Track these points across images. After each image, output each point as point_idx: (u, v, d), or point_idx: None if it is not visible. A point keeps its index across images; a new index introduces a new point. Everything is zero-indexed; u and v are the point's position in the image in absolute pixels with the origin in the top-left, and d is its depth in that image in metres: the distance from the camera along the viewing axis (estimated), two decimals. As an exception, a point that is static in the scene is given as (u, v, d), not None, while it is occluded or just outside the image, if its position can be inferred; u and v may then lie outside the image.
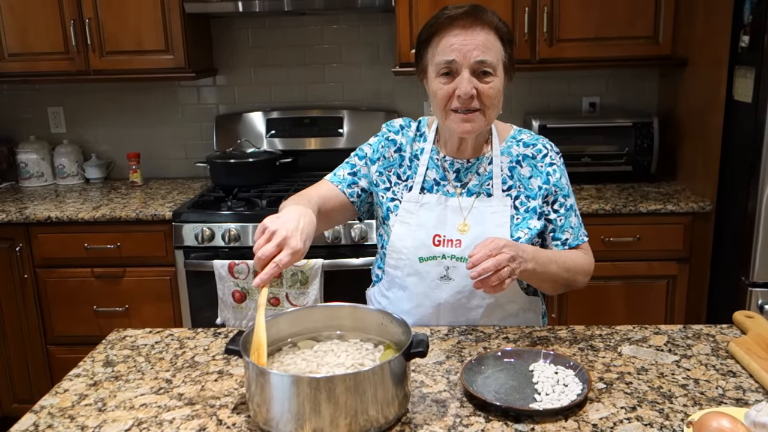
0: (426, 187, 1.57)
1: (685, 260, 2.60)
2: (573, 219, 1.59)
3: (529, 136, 1.61)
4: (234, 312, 2.57)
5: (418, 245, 1.53)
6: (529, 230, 1.53)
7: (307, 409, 1.07)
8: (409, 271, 1.54)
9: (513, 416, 1.16)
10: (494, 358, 1.33)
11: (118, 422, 1.18)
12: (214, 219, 2.61)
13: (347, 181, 1.62)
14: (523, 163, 1.57)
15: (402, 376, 1.13)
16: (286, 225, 1.26)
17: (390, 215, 1.58)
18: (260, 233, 1.26)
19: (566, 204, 1.58)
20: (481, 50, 1.42)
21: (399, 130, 1.63)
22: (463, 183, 1.56)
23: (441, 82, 1.46)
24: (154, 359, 1.41)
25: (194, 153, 3.29)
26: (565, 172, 1.59)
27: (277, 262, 1.22)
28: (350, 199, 1.62)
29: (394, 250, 1.55)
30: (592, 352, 1.38)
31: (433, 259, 1.52)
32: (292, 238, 1.24)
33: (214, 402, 1.23)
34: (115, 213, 2.66)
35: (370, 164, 1.62)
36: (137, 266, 2.71)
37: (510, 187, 1.56)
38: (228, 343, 1.18)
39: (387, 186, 1.60)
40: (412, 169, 1.59)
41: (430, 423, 1.14)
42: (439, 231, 1.52)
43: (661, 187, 2.80)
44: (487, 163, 1.56)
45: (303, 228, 1.28)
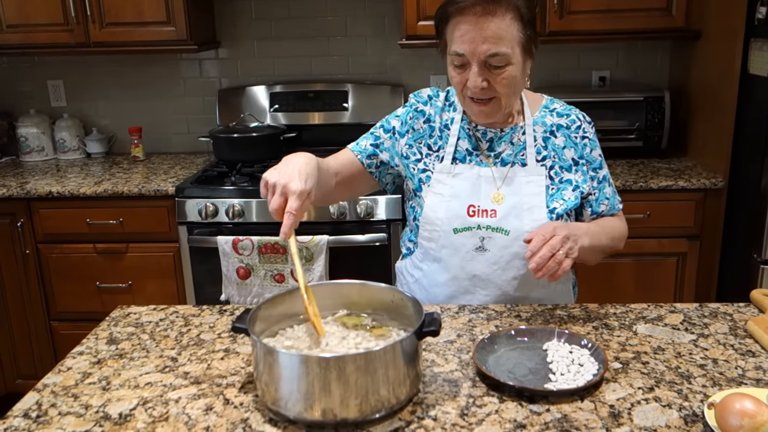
0: (458, 157, 1.54)
1: (695, 237, 2.56)
2: (607, 189, 1.58)
3: (562, 106, 1.59)
4: (238, 288, 2.54)
5: (452, 216, 1.50)
6: (564, 201, 1.50)
7: (317, 389, 1.04)
8: (444, 242, 1.52)
9: (527, 397, 1.13)
10: (507, 337, 1.29)
11: (123, 401, 1.15)
12: (217, 194, 2.57)
13: (368, 151, 1.60)
14: (558, 133, 1.54)
15: (414, 356, 1.10)
16: (282, 173, 1.23)
17: (422, 186, 1.55)
18: (264, 189, 1.25)
19: (599, 176, 1.56)
20: (493, 42, 1.36)
21: (427, 101, 1.59)
22: (497, 153, 1.53)
23: (455, 71, 1.43)
24: (158, 337, 1.38)
25: (197, 127, 3.24)
26: (597, 143, 1.57)
27: (289, 210, 1.20)
28: (368, 170, 1.60)
29: (427, 222, 1.53)
30: (607, 331, 1.35)
31: (468, 230, 1.50)
32: (292, 183, 1.22)
33: (221, 381, 1.20)
34: (117, 188, 2.62)
35: (399, 138, 1.58)
36: (140, 242, 2.68)
37: (544, 157, 1.52)
38: (235, 320, 1.14)
39: (418, 158, 1.56)
40: (443, 139, 1.55)
41: (442, 403, 1.12)
42: (474, 201, 1.50)
43: (672, 163, 2.75)
44: (521, 133, 1.53)
45: (300, 169, 1.25)
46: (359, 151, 1.60)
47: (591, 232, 1.44)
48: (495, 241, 1.49)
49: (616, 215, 1.61)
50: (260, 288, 2.52)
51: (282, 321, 1.25)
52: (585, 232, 1.41)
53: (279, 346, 1.17)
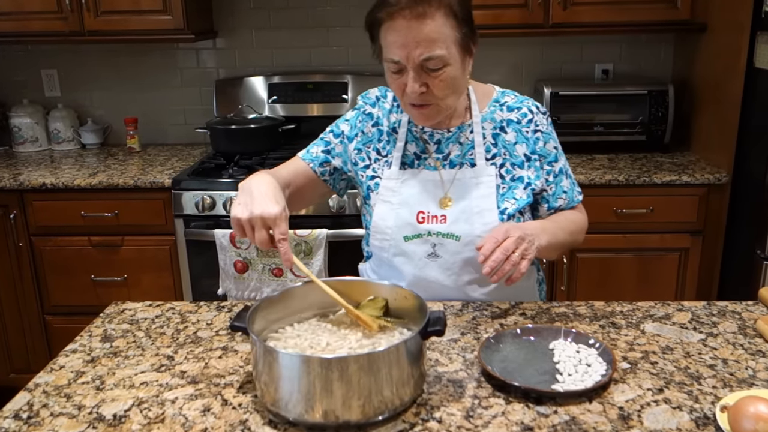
0: (407, 162, 1.49)
1: (698, 233, 2.53)
2: (565, 182, 1.52)
3: (513, 99, 1.51)
4: (236, 282, 2.50)
5: (402, 224, 1.46)
6: (515, 201, 1.45)
7: (318, 390, 1.00)
8: (395, 251, 1.48)
9: (534, 398, 1.09)
10: (512, 336, 1.26)
11: (118, 401, 1.12)
12: (215, 187, 2.53)
13: (319, 159, 1.54)
14: (508, 128, 1.47)
15: (418, 356, 1.07)
16: (251, 204, 1.20)
17: (371, 194, 1.50)
18: (239, 229, 1.21)
19: (554, 170, 1.50)
20: (426, 45, 1.29)
21: (375, 102, 1.54)
22: (445, 155, 1.48)
23: (392, 77, 1.36)
24: (154, 334, 1.35)
25: (194, 119, 3.20)
26: (552, 134, 1.51)
27: (280, 237, 1.18)
28: (322, 178, 1.55)
29: (377, 231, 1.49)
30: (614, 330, 1.32)
31: (418, 237, 1.45)
32: (267, 209, 1.19)
33: (219, 380, 1.17)
34: (112, 180, 2.58)
35: (347, 142, 1.53)
36: (136, 235, 2.64)
37: (494, 155, 1.47)
38: (233, 319, 1.11)
39: (367, 163, 1.51)
40: (390, 143, 1.50)
41: (447, 405, 1.08)
42: (423, 207, 1.45)
43: (675, 158, 2.72)
44: (468, 132, 1.47)
45: (266, 192, 1.22)
46: (310, 159, 1.54)
47: (548, 229, 1.38)
48: (446, 247, 1.45)
49: (576, 208, 1.56)
50: (258, 282, 2.49)
51: (282, 319, 1.22)
52: (542, 231, 1.36)
53: (279, 346, 1.13)
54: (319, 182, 1.56)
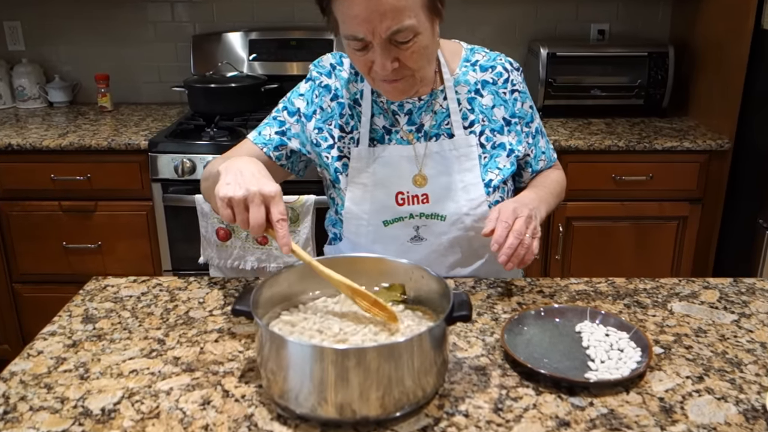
0: (376, 138, 1.34)
1: (697, 201, 2.47)
2: (541, 142, 1.45)
3: (485, 56, 1.39)
4: (218, 251, 2.38)
5: (380, 208, 1.33)
6: (499, 171, 1.35)
7: (333, 382, 0.90)
8: (374, 237, 1.35)
9: (565, 387, 1.00)
10: (535, 317, 1.17)
11: (105, 393, 1.00)
12: (194, 149, 2.38)
13: (274, 142, 1.38)
14: (484, 90, 1.36)
15: (442, 342, 0.97)
16: (245, 182, 1.03)
17: (340, 177, 1.36)
18: (228, 210, 1.04)
19: (531, 130, 1.41)
20: (392, 17, 1.11)
21: (330, 71, 1.37)
22: (418, 126, 1.34)
23: (356, 54, 1.19)
24: (141, 314, 1.22)
25: (169, 76, 3.02)
26: (527, 92, 1.41)
27: (280, 217, 1.03)
28: (278, 163, 1.40)
29: (352, 216, 1.35)
30: (641, 310, 1.24)
31: (399, 221, 1.34)
32: (265, 186, 1.03)
33: (217, 368, 1.06)
34: (84, 141, 2.41)
35: (305, 121, 1.37)
36: (110, 200, 2.49)
37: (472, 122, 1.34)
38: (236, 302, 0.99)
39: (330, 143, 1.35)
40: (354, 118, 1.35)
41: (472, 396, 0.99)
42: (402, 188, 1.32)
43: (674, 123, 2.64)
44: (441, 98, 1.34)
45: (259, 170, 1.07)
46: (263, 143, 1.38)
47: (543, 198, 1.32)
48: (431, 229, 1.34)
49: (554, 166, 1.50)
50: (242, 251, 2.36)
51: (286, 300, 1.10)
52: (539, 201, 1.28)
53: (285, 332, 1.02)
54: (275, 167, 1.39)
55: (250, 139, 1.40)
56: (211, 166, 1.28)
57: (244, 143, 1.41)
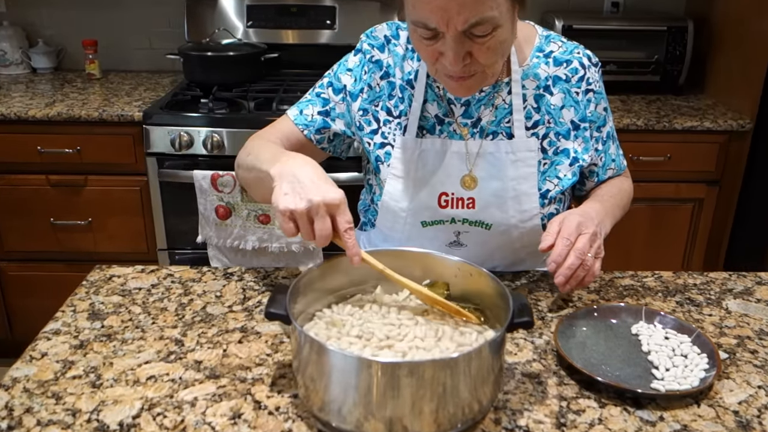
0: (425, 127, 1.20)
1: (715, 182, 2.39)
2: (612, 149, 1.29)
3: (561, 47, 1.21)
4: (217, 230, 2.26)
5: (420, 207, 1.20)
6: (559, 180, 1.21)
7: (382, 396, 0.80)
8: (409, 235, 1.23)
9: (630, 398, 0.92)
10: (587, 317, 1.08)
11: (122, 404, 0.89)
12: (192, 122, 2.25)
13: (316, 123, 1.24)
14: (554, 88, 1.19)
15: (500, 352, 0.87)
16: (306, 190, 0.92)
17: (380, 167, 1.22)
18: (291, 223, 0.93)
19: (602, 135, 1.25)
20: (472, 7, 0.95)
21: (384, 45, 1.22)
22: (474, 120, 1.19)
23: (422, 42, 1.03)
24: (154, 310, 1.12)
25: (161, 43, 2.86)
26: (604, 92, 1.25)
27: (348, 226, 0.93)
28: (319, 146, 1.26)
29: (388, 211, 1.23)
30: (695, 308, 1.15)
31: (439, 224, 1.22)
32: (328, 193, 0.92)
33: (245, 374, 0.96)
34: (73, 111, 2.27)
35: (351, 101, 1.23)
36: (101, 174, 2.35)
37: (536, 123, 1.19)
38: (268, 304, 0.89)
39: (374, 128, 1.22)
40: (404, 101, 1.20)
41: (530, 408, 0.90)
42: (447, 188, 1.19)
43: (690, 101, 2.55)
44: (506, 92, 1.18)
45: (318, 174, 0.95)
46: (305, 124, 1.24)
47: (609, 212, 1.18)
48: (473, 236, 1.22)
49: (622, 174, 1.34)
50: (242, 230, 2.25)
51: (320, 299, 1.00)
52: (605, 215, 1.14)
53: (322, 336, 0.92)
54: (315, 150, 1.26)
55: (290, 118, 1.26)
56: (253, 155, 1.12)
57: (282, 122, 1.26)
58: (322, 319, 0.96)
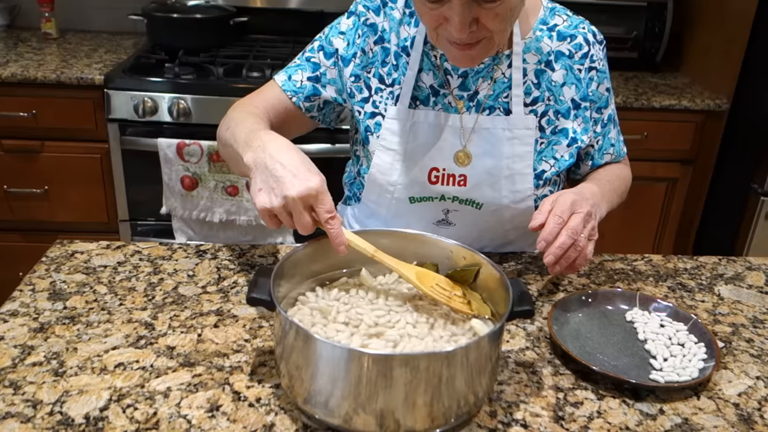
0: (420, 98, 1.14)
1: (689, 162, 2.38)
2: (613, 133, 1.23)
3: (565, 20, 1.15)
4: (182, 200, 2.16)
5: (409, 182, 1.14)
6: (555, 161, 1.15)
7: (373, 389, 0.75)
8: (396, 211, 1.18)
9: (628, 390, 0.88)
10: (579, 303, 1.04)
11: (88, 394, 0.82)
12: (157, 87, 2.13)
13: (306, 90, 1.17)
14: (556, 64, 1.13)
15: (497, 344, 0.82)
16: (283, 181, 0.86)
17: (369, 138, 1.16)
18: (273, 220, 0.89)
19: (603, 117, 1.19)
20: None
21: (380, 8, 1.14)
22: (471, 93, 1.13)
23: (426, 5, 0.96)
24: (121, 290, 1.04)
25: (121, 2, 2.69)
26: (607, 72, 1.19)
27: (329, 215, 0.87)
28: (308, 114, 1.19)
29: (375, 185, 1.17)
30: (687, 294, 1.12)
31: (428, 200, 1.16)
32: (306, 183, 0.85)
33: (222, 362, 0.89)
34: (28, 72, 2.13)
35: (343, 66, 1.15)
36: (59, 140, 2.22)
37: (535, 99, 1.13)
38: (251, 288, 0.82)
39: (365, 95, 1.15)
40: (398, 69, 1.14)
41: (526, 400, 0.85)
42: (437, 163, 1.13)
43: (667, 79, 2.52)
44: (506, 65, 1.12)
45: (294, 159, 0.87)
46: (293, 90, 1.16)
47: (606, 196, 1.11)
48: (461, 216, 1.17)
49: (621, 162, 1.28)
50: (209, 201, 2.16)
51: (301, 284, 0.94)
52: (601, 198, 1.07)
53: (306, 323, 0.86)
54: (303, 119, 1.19)
55: (277, 84, 1.17)
56: (230, 131, 1.03)
57: (269, 89, 1.18)
58: (306, 305, 0.90)
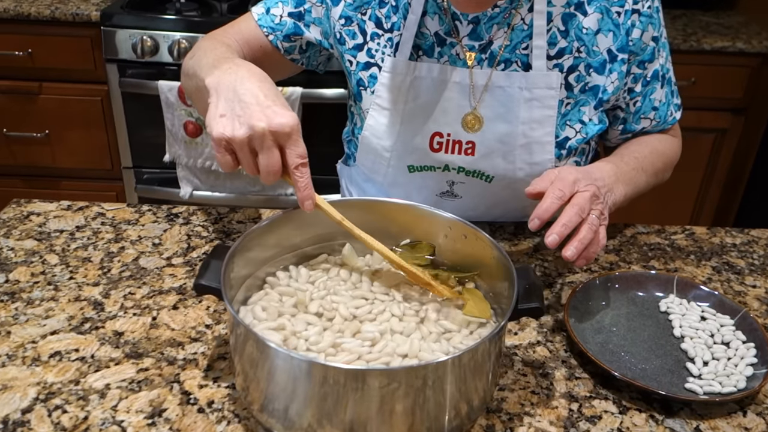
0: (423, 47, 0.95)
1: (741, 111, 2.14)
2: (659, 94, 1.00)
3: None
4: (186, 148, 2.03)
5: (407, 149, 0.98)
6: (582, 126, 0.96)
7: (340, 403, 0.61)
8: (393, 180, 1.01)
9: (658, 401, 0.73)
10: (604, 287, 0.88)
11: (11, 391, 0.70)
12: (157, 25, 1.97)
13: (285, 28, 0.99)
14: (589, 6, 0.92)
15: (497, 348, 0.67)
16: (248, 112, 0.70)
17: (363, 93, 0.99)
18: (228, 154, 0.72)
19: (647, 74, 0.97)
20: None
21: None
22: (483, 43, 0.94)
23: None
24: (74, 261, 0.91)
25: (127, -69, 2.52)
26: (657, 17, 0.95)
27: (300, 159, 0.71)
28: (288, 57, 1.02)
29: (369, 149, 1.00)
30: (735, 277, 0.95)
31: (429, 170, 0.99)
32: (277, 117, 0.70)
33: (175, 353, 0.76)
34: (21, 8, 1.98)
35: (331, 4, 0.98)
36: (57, 81, 2.09)
37: (561, 51, 0.93)
38: (199, 273, 0.68)
39: (359, 42, 0.97)
40: (399, 12, 0.95)
41: (532, 412, 0.71)
42: (442, 128, 0.96)
43: (720, 18, 2.27)
44: (526, 9, 0.92)
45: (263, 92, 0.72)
46: (271, 27, 0.99)
47: (624, 176, 0.90)
48: (469, 188, 0.99)
49: (669, 130, 1.05)
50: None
51: (273, 259, 0.79)
52: (616, 180, 0.88)
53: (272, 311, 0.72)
54: (283, 62, 1.03)
55: (253, 17, 1.01)
56: (195, 59, 0.88)
57: (244, 22, 1.01)
58: (275, 288, 0.76)
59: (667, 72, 1.01)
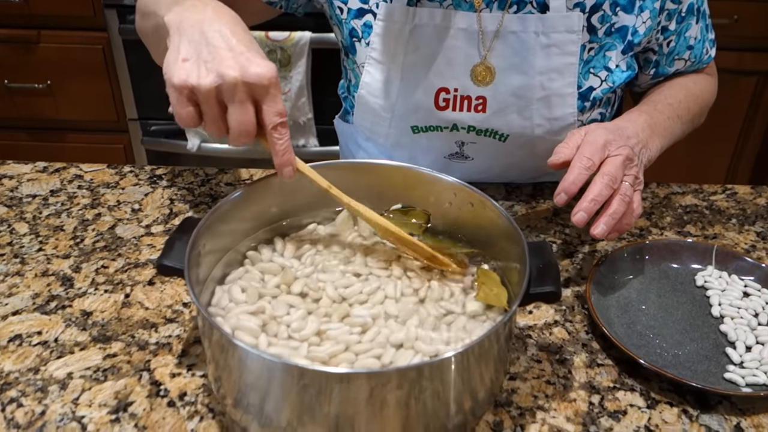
0: None
1: (787, 52, 1.99)
2: (694, 30, 0.88)
3: None
4: (191, 98, 1.93)
5: (408, 107, 0.87)
6: (608, 74, 0.85)
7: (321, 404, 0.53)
8: (395, 142, 0.91)
9: (692, 392, 0.64)
10: (632, 259, 0.77)
11: (-36, 382, 0.63)
12: (156, -34, 1.85)
13: None
14: None
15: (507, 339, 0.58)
16: (216, 57, 0.58)
17: (356, 45, 0.88)
18: (189, 103, 0.59)
19: (682, 9, 0.85)
20: None
21: None
22: None
23: None
24: (45, 230, 0.83)
25: None
26: None
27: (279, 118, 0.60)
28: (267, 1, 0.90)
29: (366, 108, 0.90)
30: (782, 244, 0.84)
31: (435, 130, 0.88)
32: (252, 66, 0.58)
33: (147, 336, 0.68)
34: (15, -49, 1.88)
35: None
36: (55, 29, 1.99)
37: None
38: (163, 252, 0.59)
39: None
40: None
41: (546, 406, 0.62)
42: (449, 82, 0.85)
43: (767, -53, 2.08)
44: None
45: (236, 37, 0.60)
46: None
47: (658, 127, 0.81)
48: (481, 149, 0.88)
49: (703, 69, 0.95)
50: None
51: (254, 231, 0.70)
52: (651, 134, 0.79)
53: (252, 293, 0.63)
54: (259, 5, 0.91)
55: None
56: None
57: None
58: (256, 264, 0.67)
59: (702, 3, 0.88)
